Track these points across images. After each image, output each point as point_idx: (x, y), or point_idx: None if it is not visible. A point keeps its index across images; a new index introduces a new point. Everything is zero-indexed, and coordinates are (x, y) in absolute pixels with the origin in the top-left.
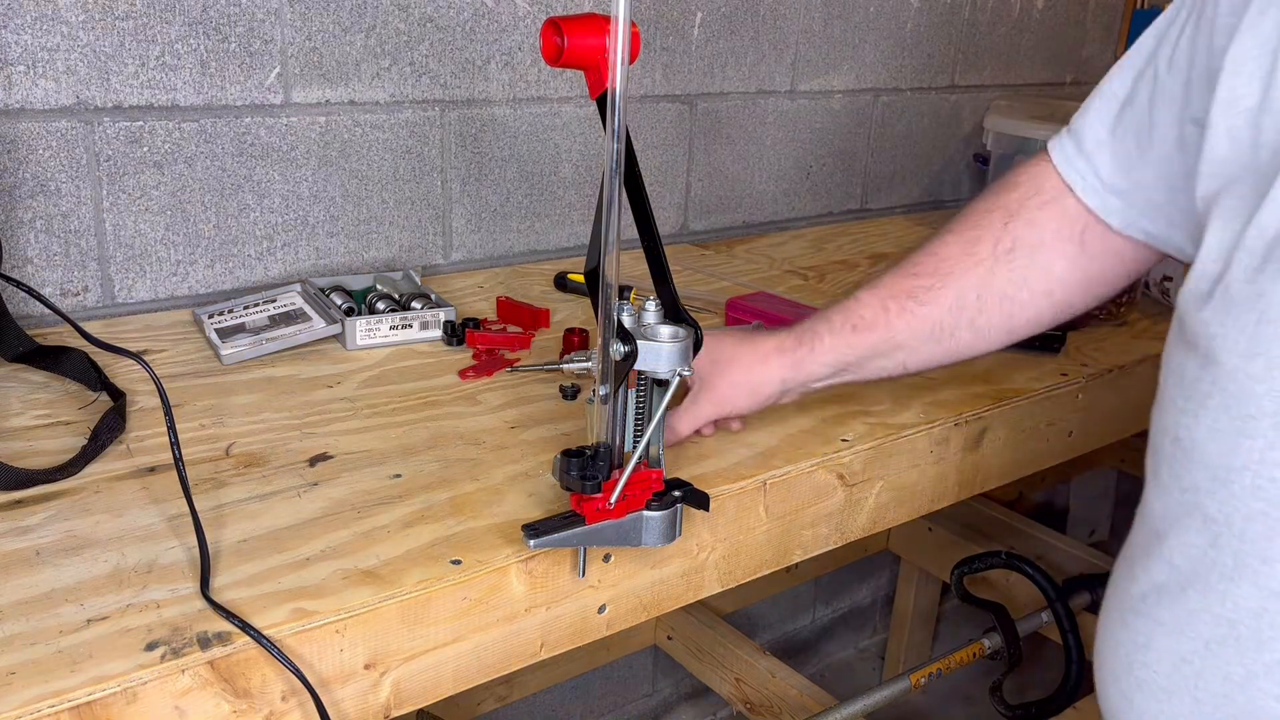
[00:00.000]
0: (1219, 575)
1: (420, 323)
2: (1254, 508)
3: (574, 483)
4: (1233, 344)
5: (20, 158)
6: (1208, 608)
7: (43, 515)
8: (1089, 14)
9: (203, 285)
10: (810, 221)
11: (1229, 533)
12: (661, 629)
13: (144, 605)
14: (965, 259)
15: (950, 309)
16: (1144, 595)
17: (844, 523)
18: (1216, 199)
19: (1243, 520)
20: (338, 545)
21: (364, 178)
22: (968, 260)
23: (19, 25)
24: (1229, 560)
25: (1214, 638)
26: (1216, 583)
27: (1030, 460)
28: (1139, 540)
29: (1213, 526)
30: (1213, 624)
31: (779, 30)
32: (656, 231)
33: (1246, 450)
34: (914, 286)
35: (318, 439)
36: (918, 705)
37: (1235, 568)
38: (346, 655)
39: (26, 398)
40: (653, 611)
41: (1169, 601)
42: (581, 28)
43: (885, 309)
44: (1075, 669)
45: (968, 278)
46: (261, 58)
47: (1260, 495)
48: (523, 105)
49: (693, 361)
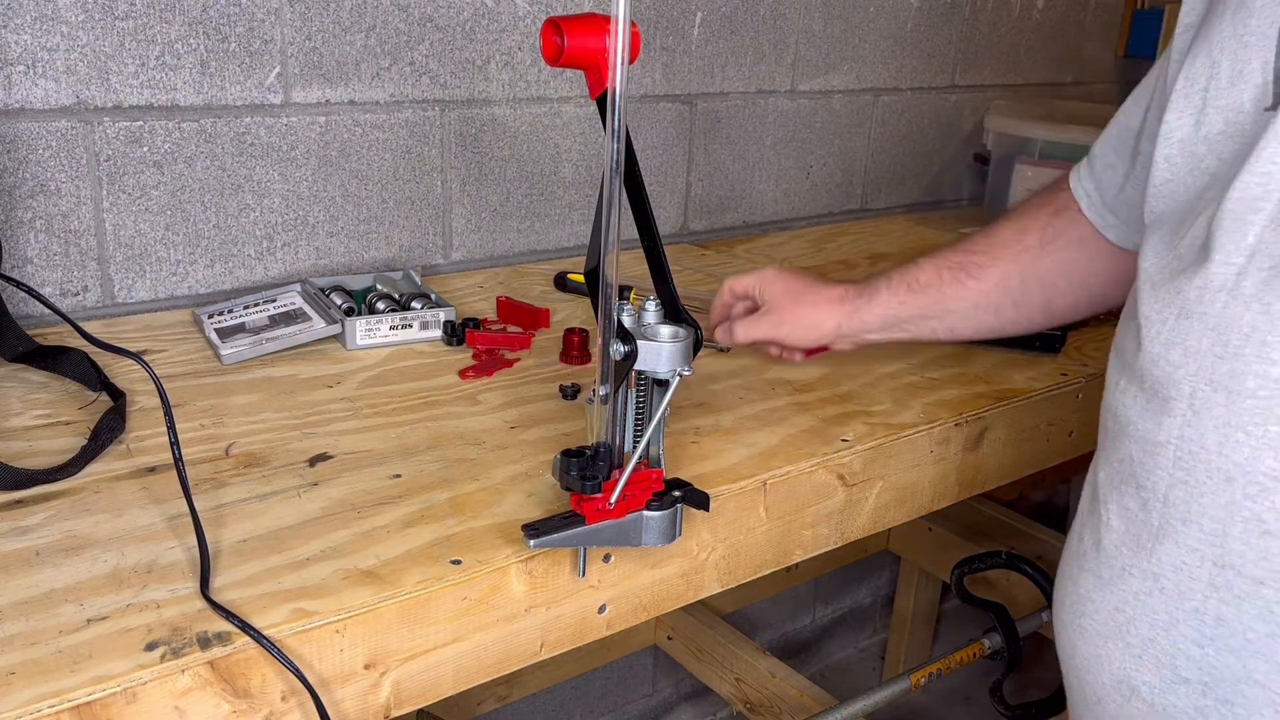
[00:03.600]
0: (1148, 534)
1: (420, 323)
2: (1175, 476)
3: (574, 483)
4: (1155, 332)
5: (20, 158)
6: (1137, 564)
7: (43, 515)
8: (1089, 14)
9: (203, 285)
10: (810, 221)
11: (1154, 498)
12: (661, 629)
13: (144, 605)
14: (1015, 244)
15: (997, 285)
16: (1084, 553)
17: (844, 523)
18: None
19: (1166, 488)
20: (338, 545)
21: (364, 178)
22: (1017, 245)
23: (19, 25)
24: (1155, 521)
25: (1142, 590)
26: (1146, 541)
27: (1030, 460)
28: (1084, 506)
29: (1142, 493)
30: (1141, 578)
31: (779, 30)
32: (656, 231)
33: (1168, 427)
34: (968, 261)
35: (318, 439)
36: (918, 705)
37: (1160, 528)
38: (346, 655)
39: (26, 398)
40: (653, 611)
41: (1106, 559)
42: (581, 28)
43: (940, 276)
44: None
45: (1015, 261)
46: (261, 58)
47: (1180, 466)
48: (523, 105)
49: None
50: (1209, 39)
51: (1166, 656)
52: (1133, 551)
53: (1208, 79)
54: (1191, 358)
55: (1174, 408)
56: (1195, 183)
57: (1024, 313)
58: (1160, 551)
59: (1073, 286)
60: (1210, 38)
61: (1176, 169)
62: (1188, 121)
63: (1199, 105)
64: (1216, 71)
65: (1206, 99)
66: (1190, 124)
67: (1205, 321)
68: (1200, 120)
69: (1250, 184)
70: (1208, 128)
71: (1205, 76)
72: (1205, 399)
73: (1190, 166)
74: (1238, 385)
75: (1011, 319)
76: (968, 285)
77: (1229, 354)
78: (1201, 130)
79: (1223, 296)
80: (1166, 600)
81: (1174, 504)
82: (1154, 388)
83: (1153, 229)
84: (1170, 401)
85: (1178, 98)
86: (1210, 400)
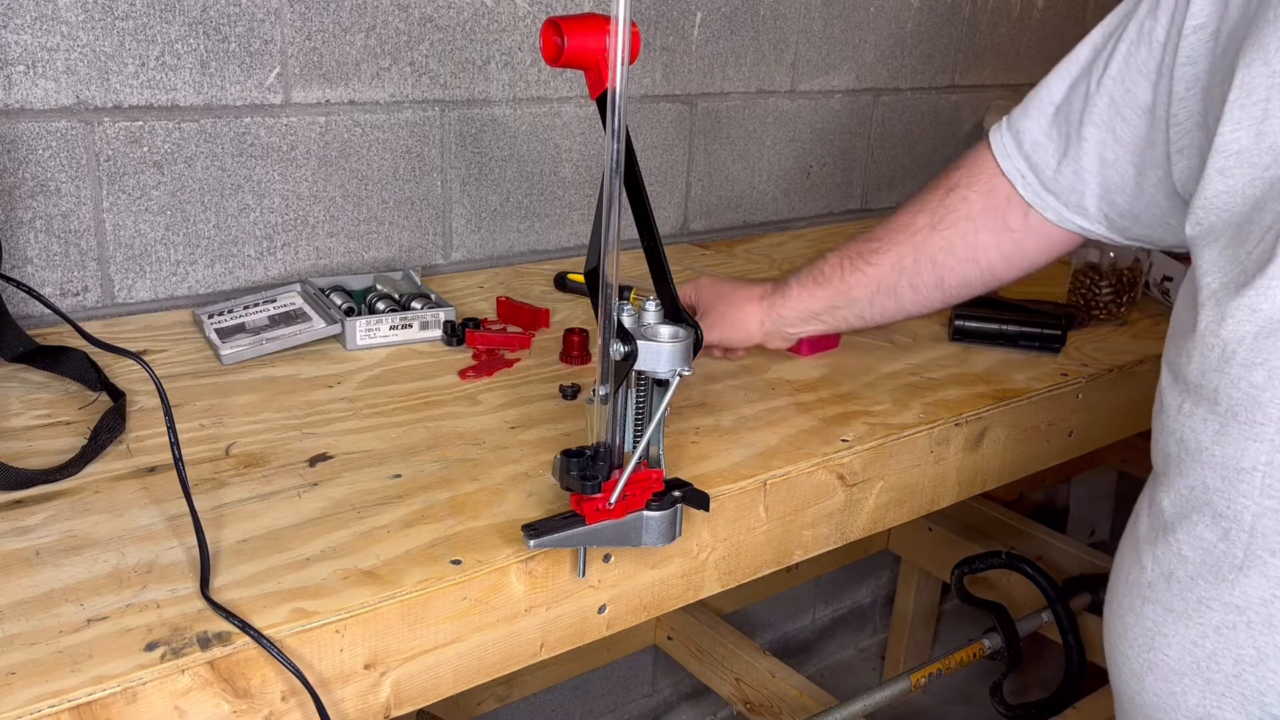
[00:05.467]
0: (1229, 566)
1: (420, 323)
2: (1264, 505)
3: (574, 483)
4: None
5: (20, 158)
6: (1217, 596)
7: (43, 515)
8: (1089, 14)
9: (203, 285)
10: (810, 221)
11: (1238, 528)
12: (661, 629)
13: (144, 605)
14: (907, 228)
15: (892, 269)
16: (1152, 584)
17: (844, 523)
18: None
19: (1253, 516)
20: (338, 545)
21: (364, 178)
22: (909, 229)
23: (19, 25)
24: (1239, 553)
25: (1224, 623)
26: (1227, 573)
27: (1030, 460)
28: (1146, 532)
29: (1222, 522)
30: (1223, 611)
31: (779, 30)
32: (656, 231)
33: (1255, 453)
34: (865, 249)
35: (318, 439)
36: (918, 705)
37: (1245, 559)
38: (346, 655)
39: (26, 398)
40: (653, 611)
41: (1179, 589)
42: (581, 28)
43: (841, 267)
44: (1075, 669)
45: (908, 243)
46: (261, 58)
47: (1270, 494)
48: (523, 105)
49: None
50: (1263, 48)
51: (1254, 694)
52: (1211, 583)
53: (1268, 89)
54: (1278, 378)
55: (1261, 432)
56: (1254, 192)
57: (921, 294)
58: (1245, 584)
59: (961, 263)
60: (1266, 46)
61: (1234, 180)
62: (1247, 133)
63: (1260, 116)
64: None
65: (1269, 109)
66: (1251, 135)
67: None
68: (1262, 130)
69: None
70: (1273, 138)
71: (1265, 87)
72: None
73: (1251, 177)
74: None
75: (911, 300)
76: (866, 273)
77: None
78: (1265, 140)
79: None
80: (1254, 635)
81: (1262, 534)
82: (1233, 411)
83: (1206, 241)
84: (1256, 426)
85: (1233, 109)
86: None
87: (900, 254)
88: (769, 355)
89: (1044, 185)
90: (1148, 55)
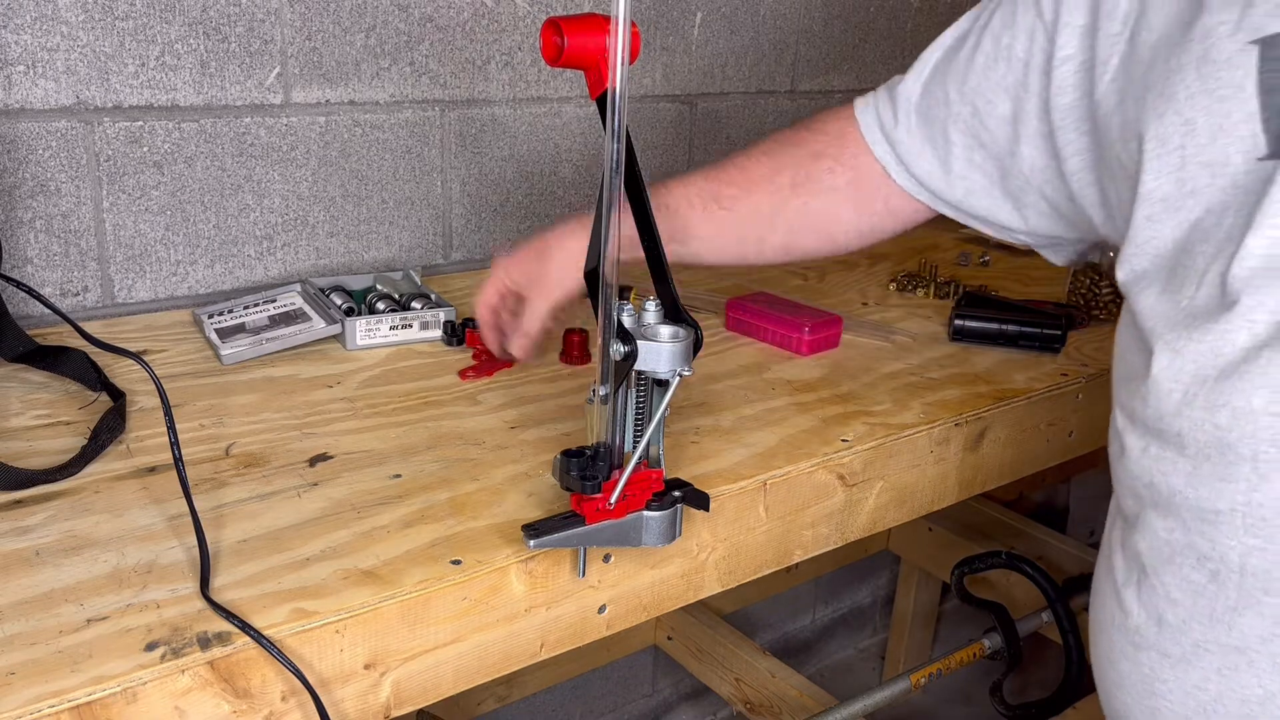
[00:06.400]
0: (1224, 607)
1: (420, 323)
2: (1249, 544)
3: (574, 483)
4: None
5: (20, 158)
6: (1215, 638)
7: (43, 515)
8: None
9: (203, 285)
10: None
11: (1227, 569)
12: (661, 629)
13: (144, 605)
14: (767, 183)
15: (746, 218)
16: (1140, 629)
17: (844, 523)
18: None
19: (1240, 556)
20: (338, 545)
21: (364, 178)
22: (769, 185)
23: (19, 25)
24: (1232, 594)
25: (1225, 665)
26: (1221, 614)
27: (1030, 460)
28: (1123, 575)
29: (1209, 564)
30: (1222, 653)
31: (779, 30)
32: (656, 231)
33: (1231, 494)
34: (721, 193)
35: (318, 439)
36: (918, 705)
37: (1239, 600)
38: (346, 655)
39: (26, 398)
40: (653, 611)
41: (1172, 634)
42: (581, 28)
43: (690, 203)
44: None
45: (768, 198)
46: (261, 58)
47: (1254, 533)
48: (523, 105)
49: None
50: (1171, 98)
51: None
52: (1206, 626)
53: (1183, 136)
54: (1243, 419)
55: (1235, 473)
56: (1178, 235)
57: (766, 249)
58: (1242, 624)
59: (815, 233)
60: (1174, 96)
61: (1161, 225)
62: (1168, 180)
63: (1178, 163)
64: (1193, 129)
65: (1185, 156)
66: (1172, 182)
67: (1252, 380)
68: (1182, 177)
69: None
70: (1192, 183)
71: (1180, 134)
72: (1271, 460)
73: (1176, 221)
74: None
75: (755, 252)
76: (717, 215)
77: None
78: (1185, 186)
79: (1266, 353)
80: (1258, 674)
81: (1253, 573)
82: (1203, 454)
83: (1141, 286)
84: (1229, 466)
85: (1152, 159)
86: (1278, 461)
87: (756, 206)
88: (769, 355)
89: (911, 173)
90: (1006, 70)
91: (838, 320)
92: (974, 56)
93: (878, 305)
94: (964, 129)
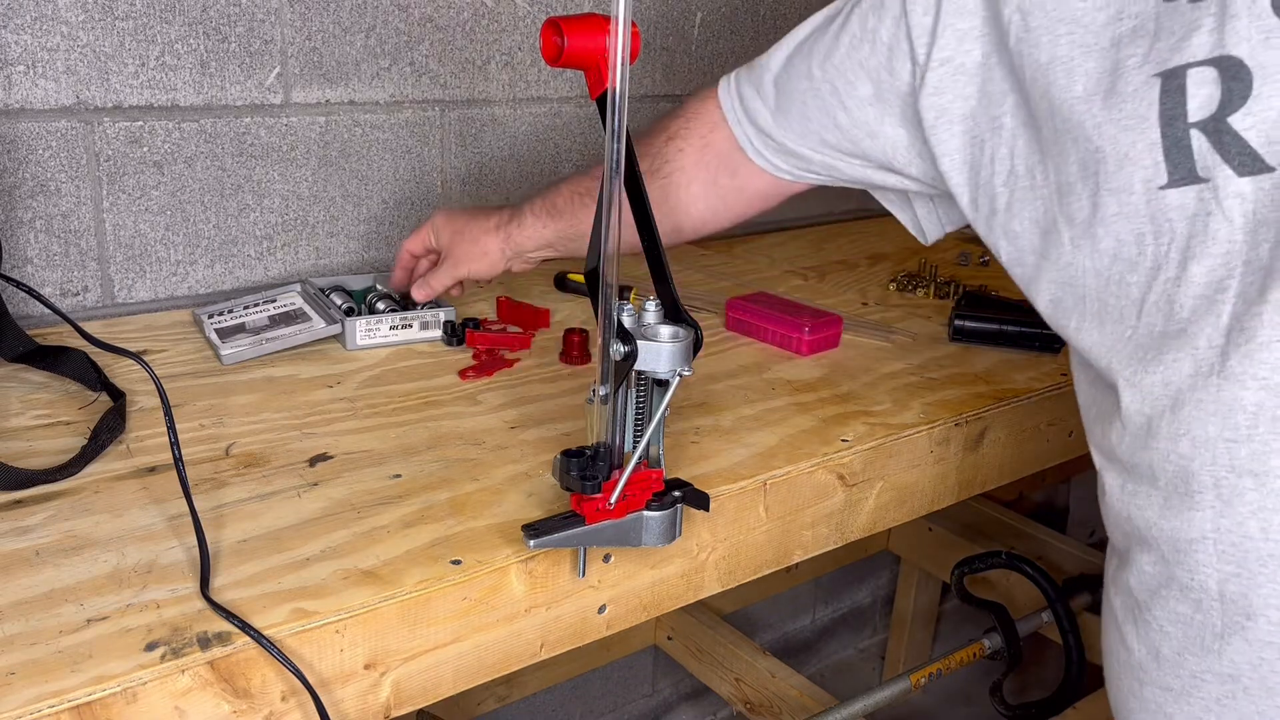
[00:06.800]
0: (1211, 636)
1: (420, 323)
2: (1225, 571)
3: (574, 483)
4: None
5: (20, 158)
6: (1208, 668)
7: (43, 515)
8: None
9: (203, 285)
10: (810, 221)
11: (1208, 598)
12: (661, 629)
13: (144, 605)
14: None
15: None
16: (1142, 664)
17: (844, 523)
18: None
19: (1217, 584)
20: (338, 545)
21: (364, 178)
22: None
23: (19, 25)
24: (1217, 622)
25: (1222, 694)
26: (1210, 643)
27: (1030, 460)
28: (1121, 611)
29: (1191, 594)
30: (1217, 682)
31: (779, 30)
32: (656, 231)
33: (1199, 522)
34: (592, 186)
35: (318, 439)
36: (918, 705)
37: (1224, 627)
38: (346, 655)
39: (26, 398)
40: (653, 611)
41: (1169, 667)
42: (581, 28)
43: (573, 201)
44: (1075, 669)
45: None
46: (261, 58)
47: (1227, 559)
48: (523, 105)
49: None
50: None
51: None
52: (1198, 656)
53: (1097, 164)
54: (1203, 447)
55: (1201, 500)
56: (1094, 264)
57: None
58: (1230, 652)
59: (673, 210)
60: (1082, 125)
61: (1081, 253)
62: (1085, 207)
63: (1093, 190)
64: (1102, 157)
65: (1099, 183)
66: (1088, 209)
67: (1204, 408)
68: (1096, 203)
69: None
70: (1103, 210)
71: (1094, 163)
72: (1233, 486)
73: (1091, 249)
74: (1261, 466)
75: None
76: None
77: (1241, 437)
78: (1099, 213)
79: (1215, 380)
80: (1254, 700)
81: (1232, 599)
82: (1170, 484)
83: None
84: (1194, 495)
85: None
86: (1239, 487)
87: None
88: (769, 355)
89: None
90: (870, 52)
91: (838, 320)
92: (840, 35)
93: (878, 305)
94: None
